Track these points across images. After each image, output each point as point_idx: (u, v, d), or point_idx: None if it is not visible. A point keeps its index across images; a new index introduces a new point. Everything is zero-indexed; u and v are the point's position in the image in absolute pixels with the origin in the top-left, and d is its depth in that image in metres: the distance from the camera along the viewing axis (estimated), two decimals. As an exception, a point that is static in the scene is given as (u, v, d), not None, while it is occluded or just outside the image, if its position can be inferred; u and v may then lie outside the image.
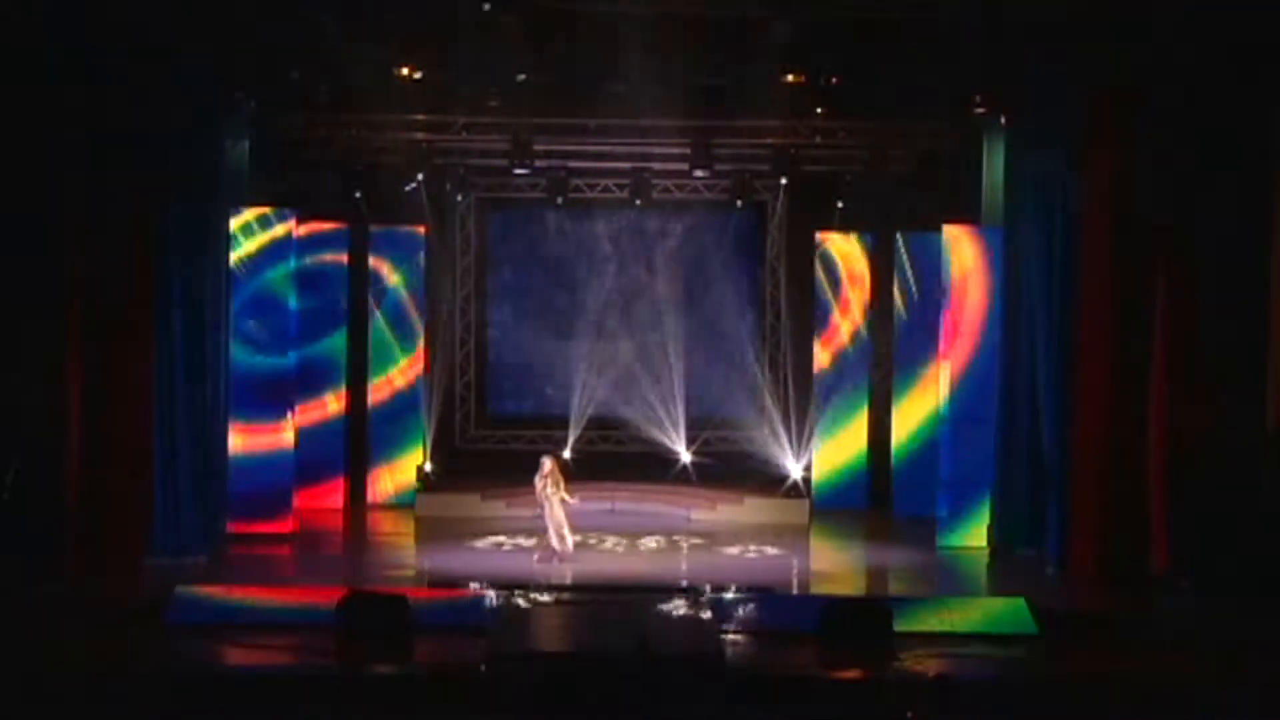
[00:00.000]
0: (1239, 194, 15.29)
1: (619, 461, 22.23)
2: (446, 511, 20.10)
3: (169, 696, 11.79)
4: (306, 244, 19.99)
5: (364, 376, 21.27)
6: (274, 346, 18.52)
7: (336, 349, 20.75)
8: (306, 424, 20.08)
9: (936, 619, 14.15)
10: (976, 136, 18.78)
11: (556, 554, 16.75)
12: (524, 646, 13.28)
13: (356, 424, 21.11)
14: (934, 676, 12.50)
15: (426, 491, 20.61)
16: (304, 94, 18.07)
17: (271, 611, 14.06)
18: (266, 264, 18.48)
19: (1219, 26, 14.69)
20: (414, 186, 21.09)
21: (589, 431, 22.66)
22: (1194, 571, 15.27)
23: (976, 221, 18.65)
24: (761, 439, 21.82)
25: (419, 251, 21.48)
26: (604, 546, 18.09)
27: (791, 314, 22.77)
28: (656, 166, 21.36)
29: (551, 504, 16.81)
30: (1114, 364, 15.88)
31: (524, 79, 17.55)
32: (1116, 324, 15.84)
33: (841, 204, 21.51)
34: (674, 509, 20.58)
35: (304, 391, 19.80)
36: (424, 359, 21.58)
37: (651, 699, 11.78)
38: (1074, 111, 16.38)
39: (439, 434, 21.93)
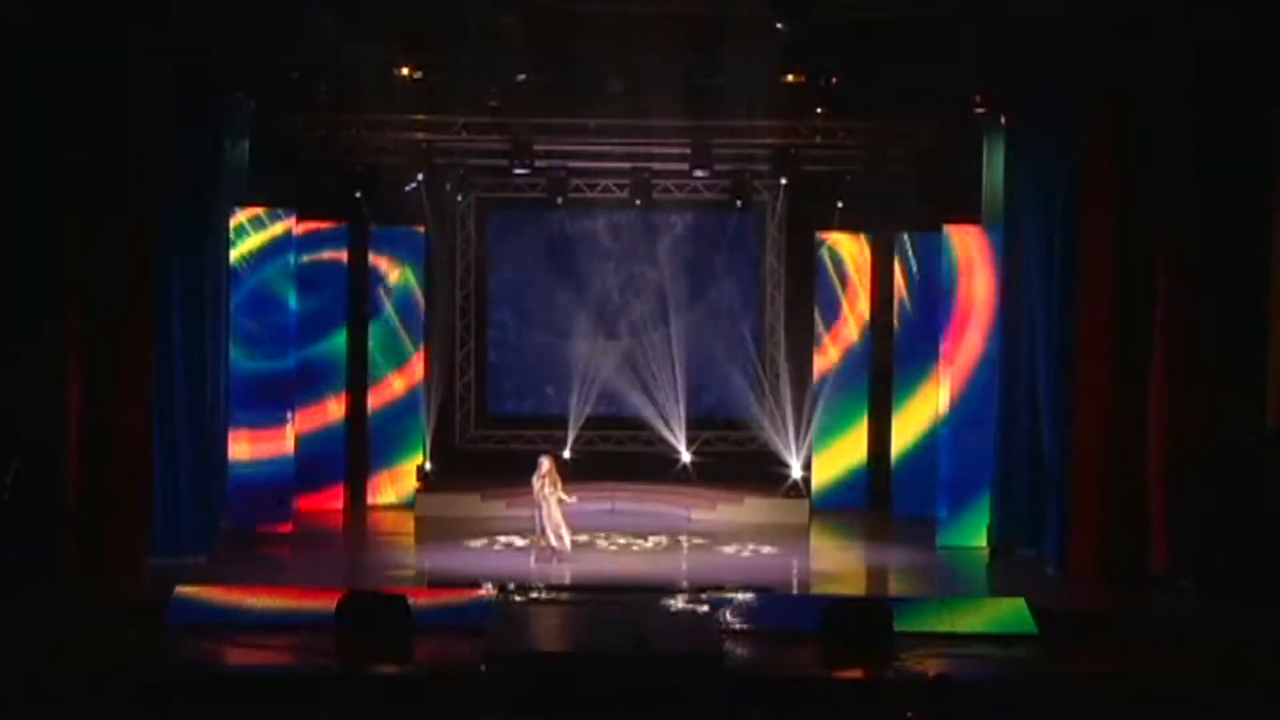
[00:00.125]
0: (1239, 194, 15.30)
1: (619, 461, 22.23)
2: (446, 511, 20.10)
3: (169, 696, 11.79)
4: (306, 244, 19.97)
5: (364, 379, 21.23)
6: (274, 348, 18.53)
7: (336, 350, 20.70)
8: (307, 430, 20.05)
9: (936, 619, 14.14)
10: (976, 136, 18.76)
11: (555, 554, 16.76)
12: (524, 646, 13.29)
13: (357, 429, 21.08)
14: (934, 676, 12.48)
15: (426, 491, 20.62)
16: (304, 94, 18.07)
17: (271, 611, 14.05)
18: (266, 263, 18.52)
19: (1218, 27, 14.69)
20: (414, 186, 21.08)
21: (589, 431, 22.67)
22: (1194, 571, 15.28)
23: (977, 221, 18.64)
24: (763, 436, 21.82)
25: (419, 251, 21.47)
26: (604, 546, 18.10)
27: (791, 314, 22.77)
28: (656, 166, 21.35)
29: (549, 504, 16.82)
30: (1114, 364, 15.87)
31: (524, 79, 17.55)
32: (1116, 324, 15.83)
33: (841, 204, 21.50)
34: (674, 509, 20.58)
35: (304, 394, 19.75)
36: (424, 359, 21.57)
37: (651, 699, 11.78)
38: (1074, 111, 16.37)
39: (439, 434, 21.95)
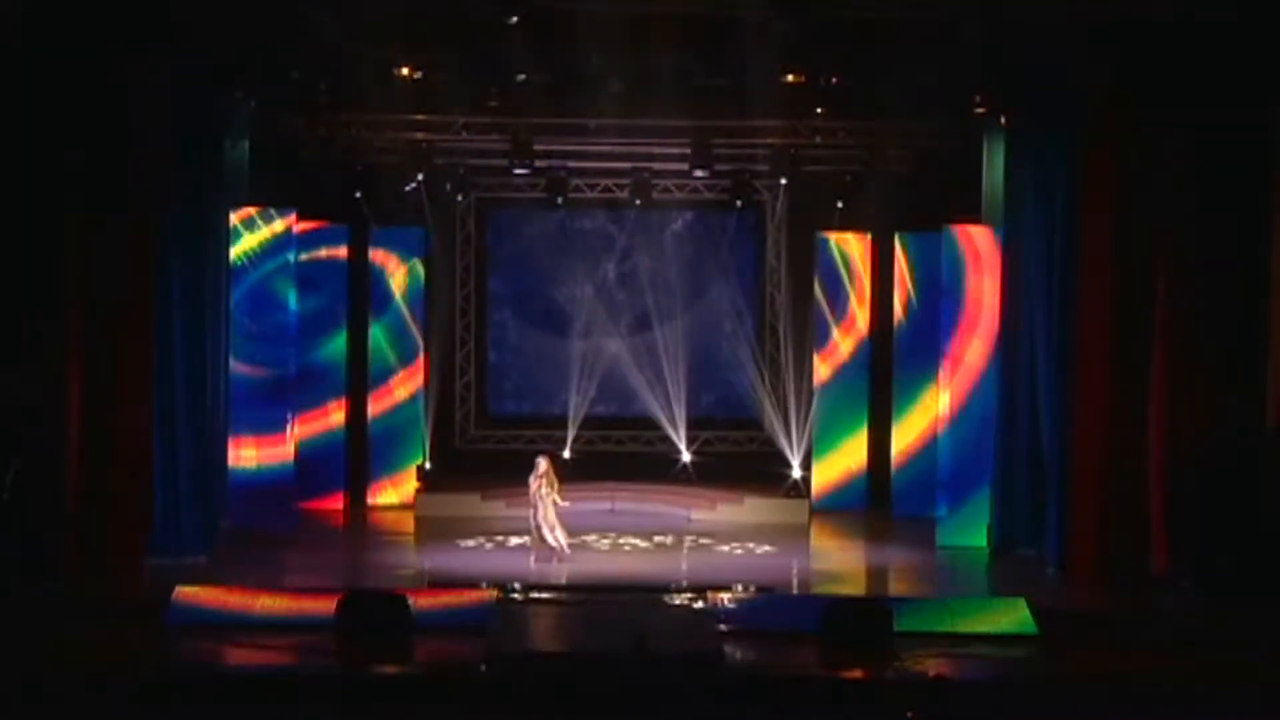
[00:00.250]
0: (1239, 194, 15.30)
1: (619, 461, 22.24)
2: (446, 511, 20.10)
3: (169, 696, 11.78)
4: (306, 244, 19.97)
5: (364, 382, 21.21)
6: (274, 348, 18.51)
7: (337, 352, 20.72)
8: (308, 431, 20.06)
9: (936, 619, 14.15)
10: (976, 136, 18.77)
11: (555, 554, 16.76)
12: (524, 646, 13.29)
13: (357, 434, 21.08)
14: (934, 676, 12.48)
15: (426, 491, 20.61)
16: (304, 94, 18.06)
17: (271, 611, 14.07)
18: (266, 263, 18.49)
19: (1218, 26, 14.69)
20: (414, 186, 21.08)
21: (588, 431, 22.68)
22: (1194, 571, 15.28)
23: (978, 221, 18.64)
24: (763, 436, 21.80)
25: (419, 252, 21.46)
26: (604, 546, 18.09)
27: (791, 313, 22.76)
28: (656, 166, 21.36)
29: (545, 504, 16.82)
30: (1114, 364, 15.87)
31: (524, 79, 17.54)
32: (1116, 324, 15.83)
33: (841, 204, 21.49)
34: (674, 509, 20.57)
35: (304, 395, 19.73)
36: (424, 360, 21.56)
37: (651, 699, 11.77)
38: (1074, 111, 16.37)
39: (439, 434, 21.95)
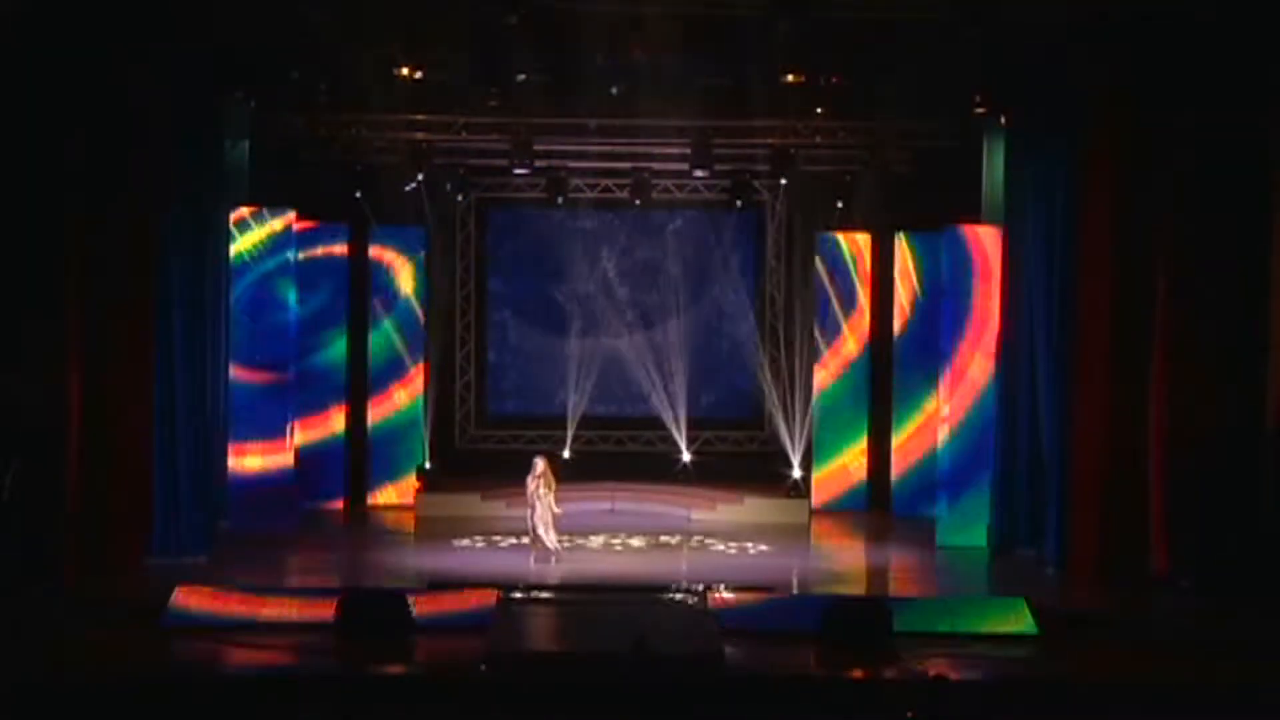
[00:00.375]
0: (1239, 194, 15.29)
1: (619, 461, 22.25)
2: (446, 511, 20.11)
3: (169, 697, 11.78)
4: (306, 244, 19.99)
5: (364, 383, 21.21)
6: (274, 348, 18.49)
7: (337, 354, 20.77)
8: (307, 437, 20.09)
9: (936, 619, 14.16)
10: (976, 136, 18.78)
11: (554, 553, 16.75)
12: (524, 646, 13.31)
13: (358, 435, 21.10)
14: (934, 676, 12.47)
15: (426, 491, 20.60)
16: (304, 94, 18.06)
17: (271, 612, 14.06)
18: (266, 263, 18.47)
19: (1218, 26, 14.68)
20: (414, 186, 21.07)
21: (588, 431, 22.68)
22: (1194, 571, 15.27)
23: (977, 221, 18.64)
24: (763, 435, 21.77)
25: (419, 251, 21.46)
26: (604, 546, 18.09)
27: (791, 313, 22.76)
28: (656, 166, 21.36)
29: (542, 504, 16.82)
30: (1114, 364, 15.87)
31: (524, 79, 17.54)
32: (1116, 324, 15.83)
33: (841, 204, 21.49)
34: (674, 509, 20.58)
35: (305, 399, 19.75)
36: (424, 360, 21.56)
37: (651, 699, 11.77)
38: (1074, 111, 16.37)
39: (439, 434, 21.95)
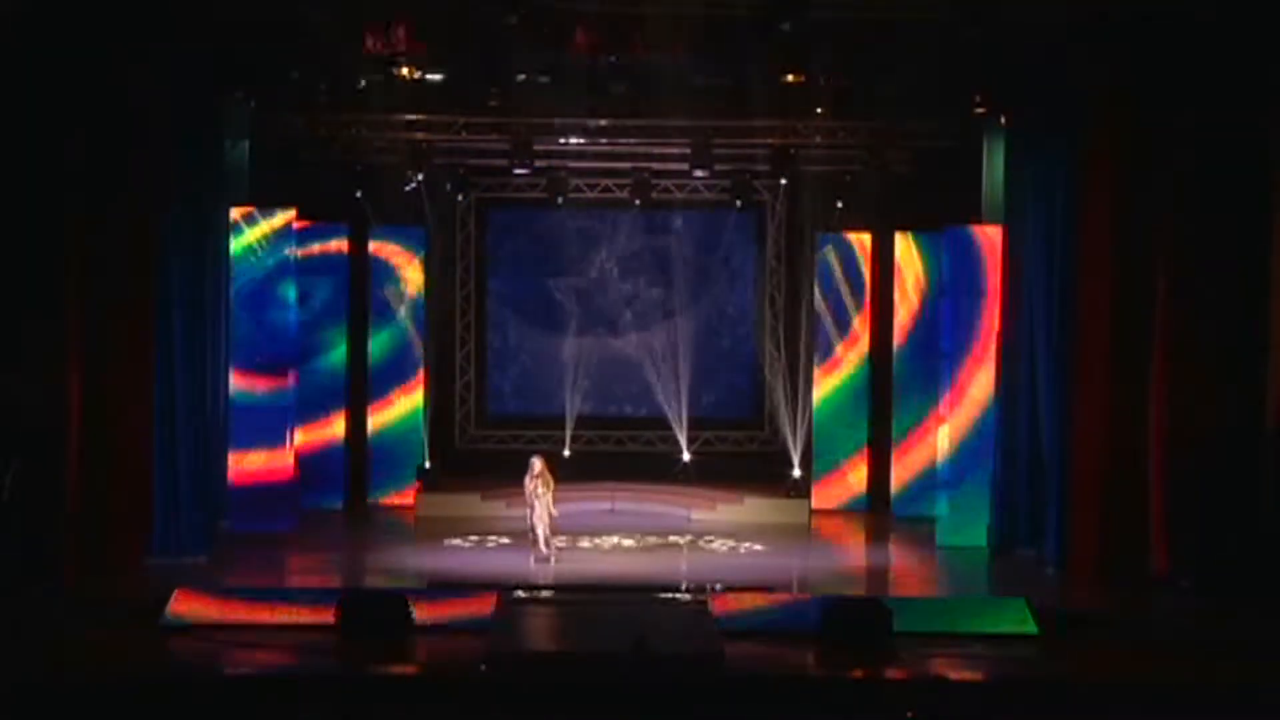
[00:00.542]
0: (1239, 194, 15.29)
1: (619, 461, 22.24)
2: (446, 511, 20.10)
3: (169, 697, 11.79)
4: (306, 243, 19.96)
5: (365, 385, 21.20)
6: (274, 349, 18.46)
7: (337, 356, 20.78)
8: (308, 442, 20.09)
9: (936, 619, 14.16)
10: (976, 136, 18.77)
11: (548, 558, 16.73)
12: (524, 646, 13.30)
13: (358, 436, 21.12)
14: (934, 676, 12.49)
15: (426, 491, 20.61)
16: (304, 94, 18.05)
17: (271, 611, 14.06)
18: (266, 263, 18.43)
19: (1218, 26, 14.69)
20: (414, 186, 21.06)
21: (589, 431, 22.68)
22: (1194, 571, 15.27)
23: (978, 221, 18.64)
24: (763, 435, 21.74)
25: (419, 251, 21.47)
26: (603, 546, 18.08)
27: (791, 313, 22.76)
28: (656, 166, 21.36)
29: (541, 504, 16.81)
30: (1114, 364, 15.87)
31: (524, 79, 17.54)
32: (1116, 324, 15.83)
33: (841, 204, 21.49)
34: (674, 509, 20.57)
35: (305, 401, 19.73)
36: (424, 360, 21.57)
37: (651, 699, 11.78)
38: (1074, 111, 16.37)
39: (439, 433, 21.95)
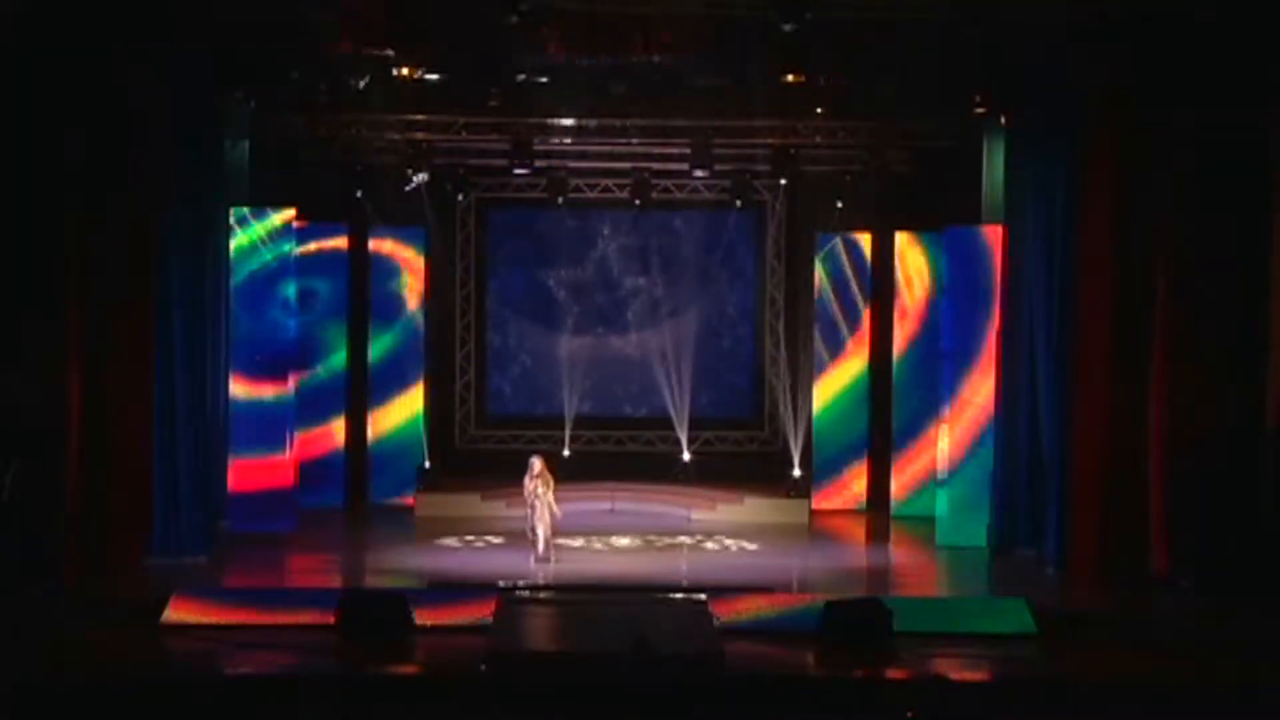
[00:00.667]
0: (1239, 194, 15.29)
1: (619, 461, 22.24)
2: (446, 511, 20.10)
3: (169, 697, 11.79)
4: (307, 243, 19.97)
5: (365, 385, 21.21)
6: (274, 349, 18.44)
7: (338, 357, 20.77)
8: (308, 442, 20.10)
9: (936, 619, 14.17)
10: (976, 136, 18.77)
11: (548, 560, 16.73)
12: (524, 646, 13.30)
13: (358, 440, 21.14)
14: (934, 676, 12.49)
15: (426, 491, 20.61)
16: (304, 94, 18.05)
17: (271, 612, 14.07)
18: (266, 263, 18.43)
19: (1218, 26, 14.69)
20: (414, 186, 21.06)
21: (588, 431, 22.68)
22: (1194, 571, 15.27)
23: (977, 221, 18.64)
24: (763, 435, 21.71)
25: (420, 253, 21.47)
26: (604, 546, 18.08)
27: (791, 313, 22.76)
28: (656, 166, 21.36)
29: (541, 504, 16.81)
30: (1114, 364, 15.87)
31: (524, 79, 17.54)
32: (1116, 324, 15.83)
33: (841, 204, 21.49)
34: (674, 509, 20.57)
35: (306, 402, 19.72)
36: (424, 359, 21.57)
37: (651, 699, 11.78)
38: (1074, 111, 16.37)
39: (439, 433, 21.95)
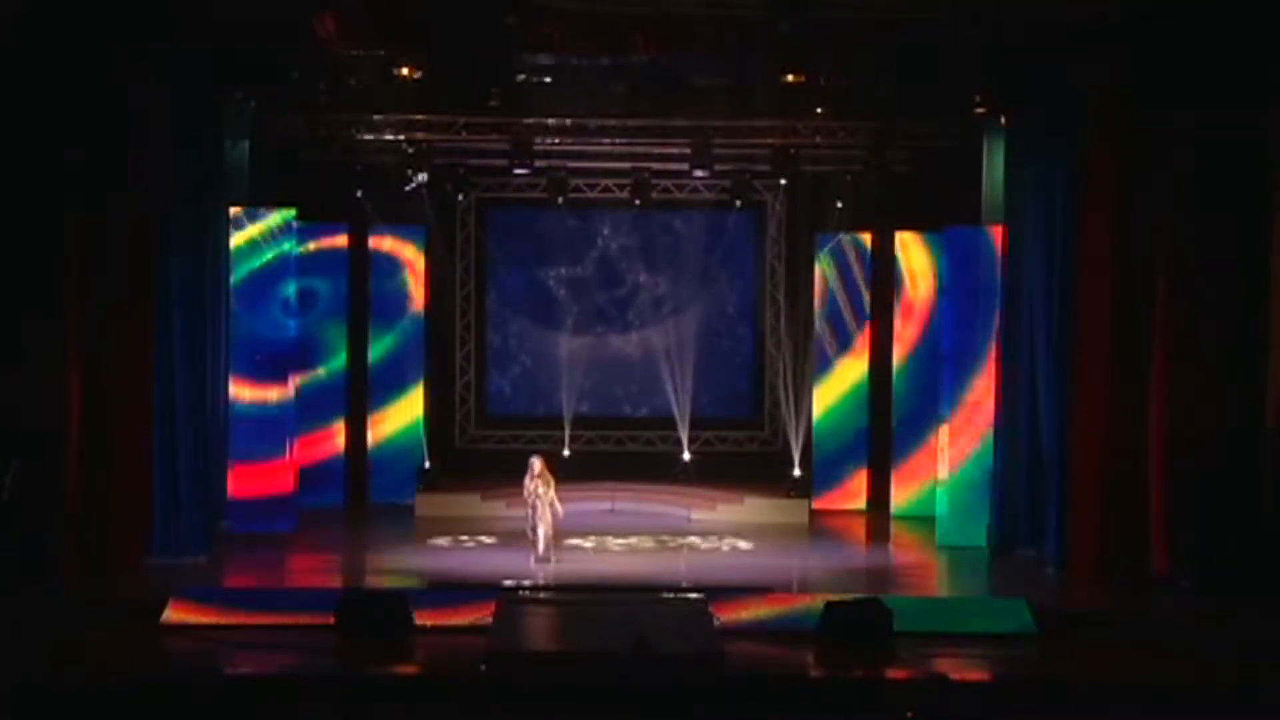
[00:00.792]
0: (1239, 194, 15.29)
1: (619, 461, 22.23)
2: (446, 511, 20.10)
3: (169, 697, 11.79)
4: (306, 244, 19.97)
5: (365, 386, 21.19)
6: (274, 350, 18.43)
7: (338, 359, 20.76)
8: (308, 442, 20.08)
9: (936, 619, 14.17)
10: (976, 136, 18.77)
11: (548, 560, 16.73)
12: (524, 646, 13.30)
13: (358, 440, 21.12)
14: (934, 676, 12.49)
15: (426, 491, 20.60)
16: (304, 94, 18.04)
17: (271, 611, 14.08)
18: (266, 263, 18.42)
19: (1218, 26, 14.69)
20: (414, 186, 21.06)
21: (588, 431, 22.68)
22: (1194, 571, 15.28)
23: (977, 221, 18.64)
24: (763, 435, 21.70)
25: (420, 253, 21.45)
26: (604, 546, 18.08)
27: (791, 313, 22.76)
28: (656, 166, 21.35)
29: (542, 503, 16.81)
30: (1114, 364, 15.87)
31: (524, 79, 17.54)
32: (1116, 324, 15.83)
33: (841, 204, 21.48)
34: (674, 509, 20.57)
35: (306, 403, 19.69)
36: (424, 358, 21.58)
37: (651, 699, 11.78)
38: (1074, 111, 16.37)
39: (439, 433, 21.95)
